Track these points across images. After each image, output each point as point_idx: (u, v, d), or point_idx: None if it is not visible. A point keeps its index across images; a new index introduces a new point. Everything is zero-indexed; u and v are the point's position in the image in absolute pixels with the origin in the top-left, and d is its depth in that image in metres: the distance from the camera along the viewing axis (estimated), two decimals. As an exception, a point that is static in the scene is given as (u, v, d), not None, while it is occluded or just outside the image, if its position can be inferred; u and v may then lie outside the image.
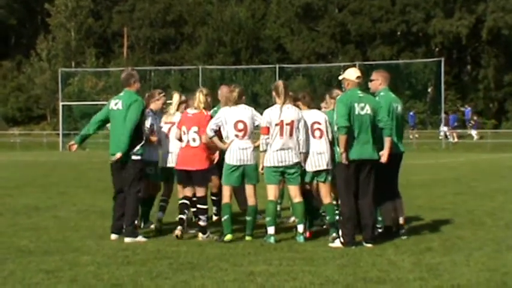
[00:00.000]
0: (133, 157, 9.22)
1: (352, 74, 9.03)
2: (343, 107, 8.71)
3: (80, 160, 30.99)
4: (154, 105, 10.19)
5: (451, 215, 11.53)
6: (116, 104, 9.42)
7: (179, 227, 9.34)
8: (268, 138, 9.13)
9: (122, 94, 9.54)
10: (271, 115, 9.18)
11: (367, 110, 8.78)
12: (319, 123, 9.44)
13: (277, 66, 48.77)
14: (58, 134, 48.28)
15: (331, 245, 8.74)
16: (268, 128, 9.14)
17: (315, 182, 9.52)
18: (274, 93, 9.32)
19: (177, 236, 9.23)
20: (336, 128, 8.90)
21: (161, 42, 62.36)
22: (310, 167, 9.35)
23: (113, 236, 9.30)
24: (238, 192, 10.33)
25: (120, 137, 9.16)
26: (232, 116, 9.32)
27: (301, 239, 9.02)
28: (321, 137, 9.39)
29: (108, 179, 9.88)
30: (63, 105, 48.15)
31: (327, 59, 54.60)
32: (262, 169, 9.25)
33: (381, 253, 8.17)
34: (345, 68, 35.01)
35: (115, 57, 62.41)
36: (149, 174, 9.92)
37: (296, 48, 54.84)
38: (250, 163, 9.29)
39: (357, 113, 8.74)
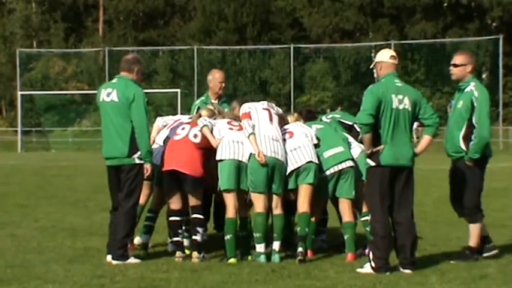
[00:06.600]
0: (137, 160, 9.33)
1: (384, 54, 9.13)
2: (371, 99, 8.72)
3: (43, 164, 31.05)
4: None
5: (512, 234, 11.53)
6: (108, 94, 9.41)
7: (178, 253, 9.50)
8: (251, 121, 9.55)
9: (115, 81, 9.58)
10: (253, 103, 9.83)
11: (406, 103, 8.81)
12: (284, 129, 9.96)
13: (291, 46, 48.84)
14: (16, 132, 48.37)
15: (359, 270, 8.77)
16: (250, 113, 9.62)
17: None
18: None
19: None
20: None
21: (146, 17, 62.44)
22: (289, 167, 9.60)
23: (109, 258, 9.37)
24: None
25: (140, 143, 9.23)
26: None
27: (276, 258, 9.43)
28: (291, 137, 9.82)
29: (80, 189, 9.90)
30: (22, 95, 48.22)
31: (354, 38, 54.57)
32: (259, 155, 9.32)
33: (423, 281, 8.17)
34: (377, 48, 35.07)
35: (88, 35, 62.50)
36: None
37: (315, 24, 54.78)
38: (246, 161, 9.48)
39: (394, 106, 8.76)
